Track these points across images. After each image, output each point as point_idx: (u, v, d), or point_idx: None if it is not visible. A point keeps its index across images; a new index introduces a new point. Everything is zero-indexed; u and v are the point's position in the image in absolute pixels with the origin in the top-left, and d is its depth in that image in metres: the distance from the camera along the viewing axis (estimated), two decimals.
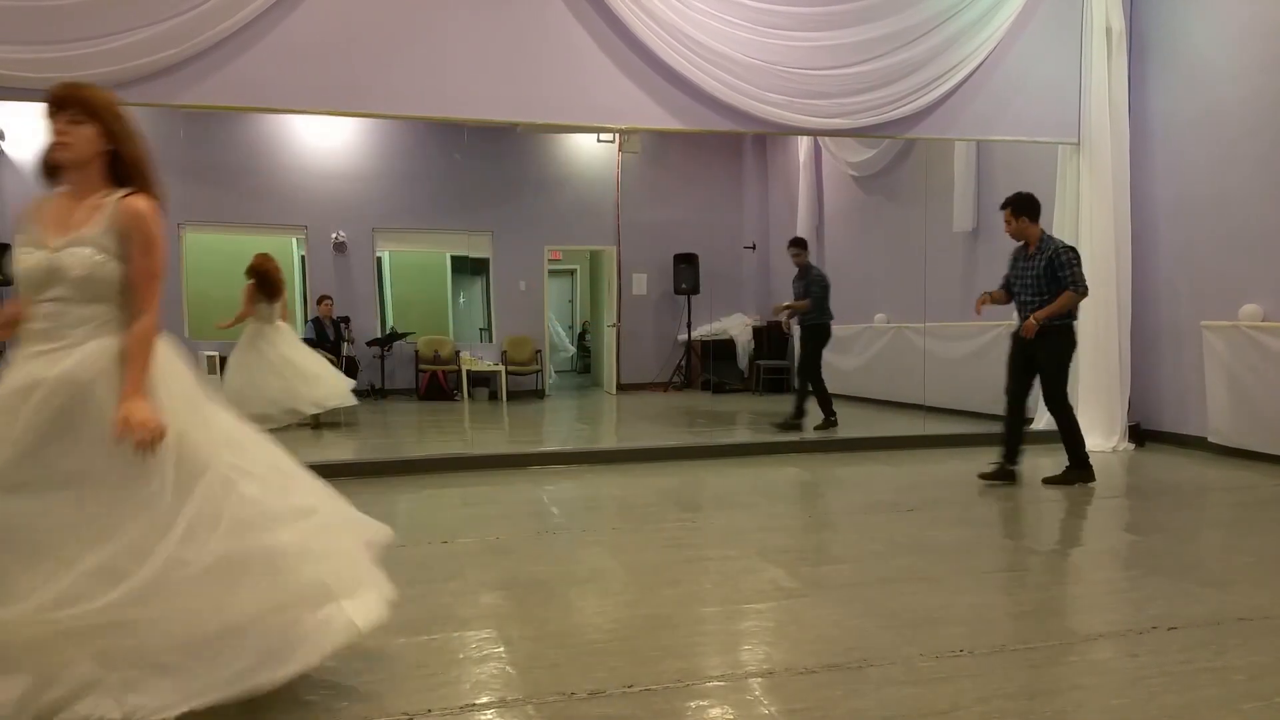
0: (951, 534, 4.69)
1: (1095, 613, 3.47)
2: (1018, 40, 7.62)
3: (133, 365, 2.45)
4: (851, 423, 8.65)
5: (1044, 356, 5.83)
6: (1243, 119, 7.00)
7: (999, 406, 9.05)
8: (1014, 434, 6.09)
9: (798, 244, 8.93)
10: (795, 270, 8.86)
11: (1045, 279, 5.75)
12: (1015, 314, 6.13)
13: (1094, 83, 7.66)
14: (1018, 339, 5.95)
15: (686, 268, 13.73)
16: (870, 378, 11.31)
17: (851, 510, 5.43)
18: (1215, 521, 5.26)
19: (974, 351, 9.60)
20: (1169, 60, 7.68)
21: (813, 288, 8.61)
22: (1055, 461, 7.14)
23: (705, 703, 2.62)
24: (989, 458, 7.20)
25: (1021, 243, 5.99)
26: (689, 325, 13.93)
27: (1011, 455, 6.10)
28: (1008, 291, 6.09)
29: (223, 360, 12.31)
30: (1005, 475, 6.07)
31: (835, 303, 8.77)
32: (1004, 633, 3.16)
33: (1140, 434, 7.76)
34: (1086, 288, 5.76)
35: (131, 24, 5.87)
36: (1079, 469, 6.02)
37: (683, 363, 14.22)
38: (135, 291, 2.54)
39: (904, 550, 4.34)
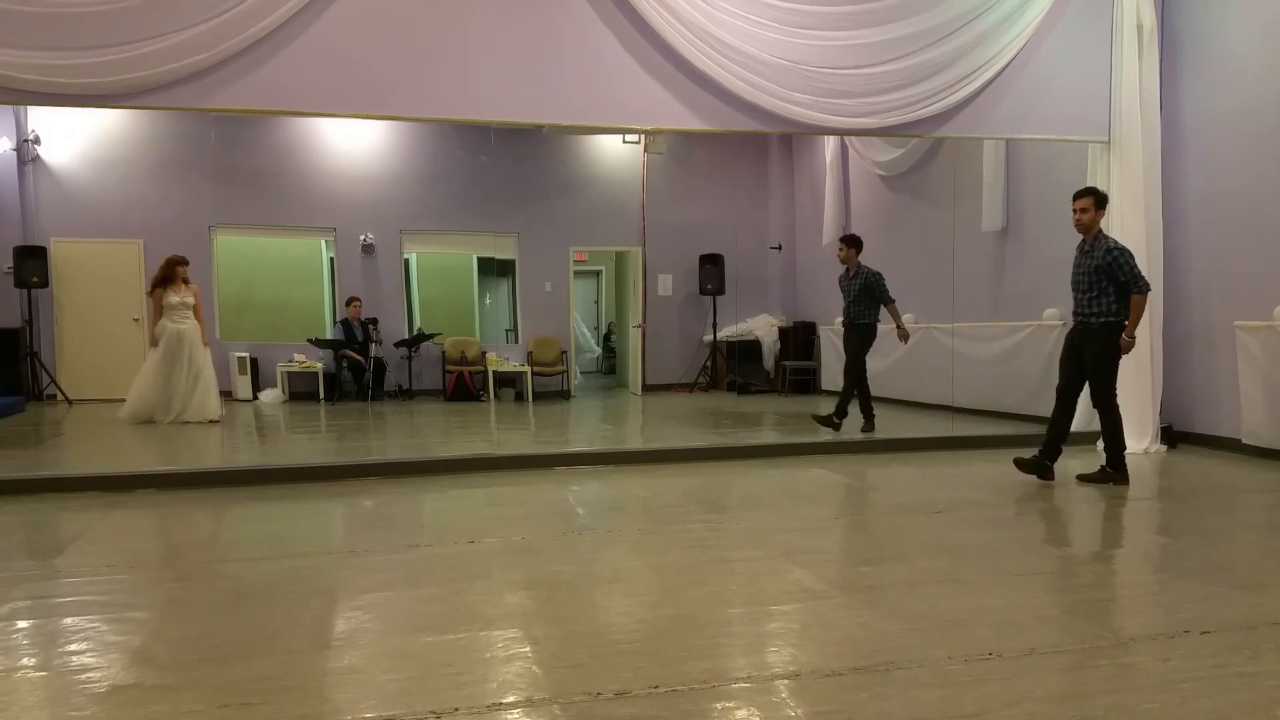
0: (980, 536, 4.65)
1: (1126, 616, 3.43)
2: (1047, 38, 7.55)
3: None
4: (879, 424, 8.60)
5: (1091, 354, 5.87)
6: (1276, 115, 6.90)
7: (1028, 407, 9.07)
8: (1059, 430, 6.06)
9: (850, 242, 8.56)
10: (842, 269, 8.61)
11: (1097, 276, 5.82)
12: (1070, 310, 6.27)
13: (1124, 80, 7.58)
14: (1072, 336, 6.03)
15: (712, 268, 13.71)
16: (898, 378, 11.24)
17: (878, 512, 5.40)
18: (1249, 524, 5.18)
19: (1003, 352, 9.53)
20: (1200, 57, 7.58)
21: (875, 287, 8.36)
22: (1085, 463, 7.07)
23: (731, 704, 2.61)
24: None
25: (1080, 238, 6.07)
26: (714, 326, 13.91)
27: (1051, 452, 6.09)
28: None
29: (254, 361, 12.50)
30: (1042, 470, 6.09)
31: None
32: (1033, 636, 3.13)
33: (1173, 435, 7.66)
34: (1148, 283, 5.85)
35: (162, 29, 5.96)
36: (1115, 469, 6.01)
37: (708, 364, 14.20)
38: None
39: (931, 552, 4.31)
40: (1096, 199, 5.98)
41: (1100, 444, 7.48)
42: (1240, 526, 5.11)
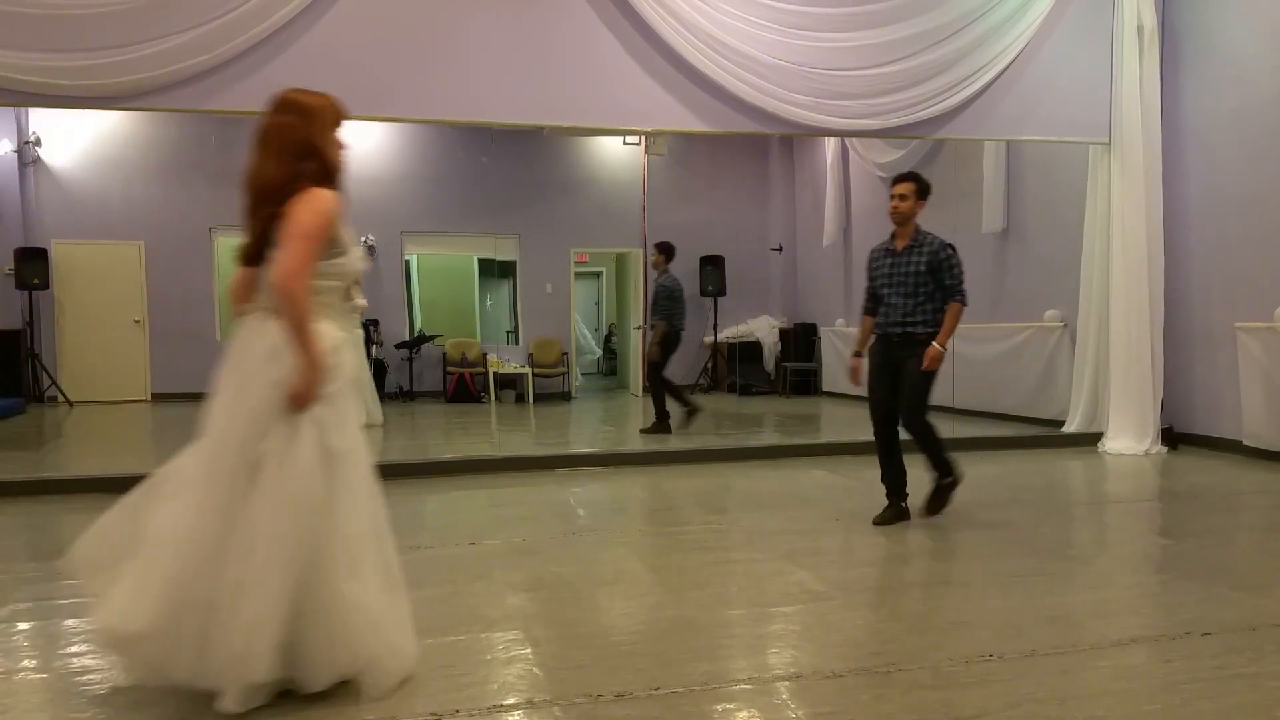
0: (981, 537, 4.65)
1: (1127, 617, 3.43)
2: (1048, 39, 7.54)
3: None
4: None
5: (916, 365, 4.80)
6: (1277, 116, 6.89)
7: (1029, 409, 9.08)
8: (897, 473, 5.01)
9: (661, 248, 8.83)
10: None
11: (923, 278, 4.82)
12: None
13: (1125, 81, 7.57)
14: (887, 350, 4.94)
15: (713, 270, 13.72)
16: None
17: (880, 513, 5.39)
18: (1249, 525, 5.18)
19: (1004, 353, 9.53)
20: (1201, 58, 7.58)
21: (661, 299, 8.61)
22: (1085, 464, 7.08)
23: (732, 706, 2.61)
24: (1019, 461, 7.15)
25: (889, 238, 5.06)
26: (715, 327, 13.91)
27: (900, 492, 5.01)
28: (875, 299, 5.06)
29: None
30: (900, 513, 4.97)
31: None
32: (1034, 637, 3.13)
33: (1173, 437, 7.66)
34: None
35: (164, 31, 5.96)
36: (947, 474, 4.96)
37: (709, 365, 14.20)
38: None
39: (932, 554, 4.31)
40: (919, 186, 4.98)
41: (1108, 444, 7.52)
42: (1241, 528, 5.10)
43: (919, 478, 4.97)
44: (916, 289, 4.82)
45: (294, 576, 2.50)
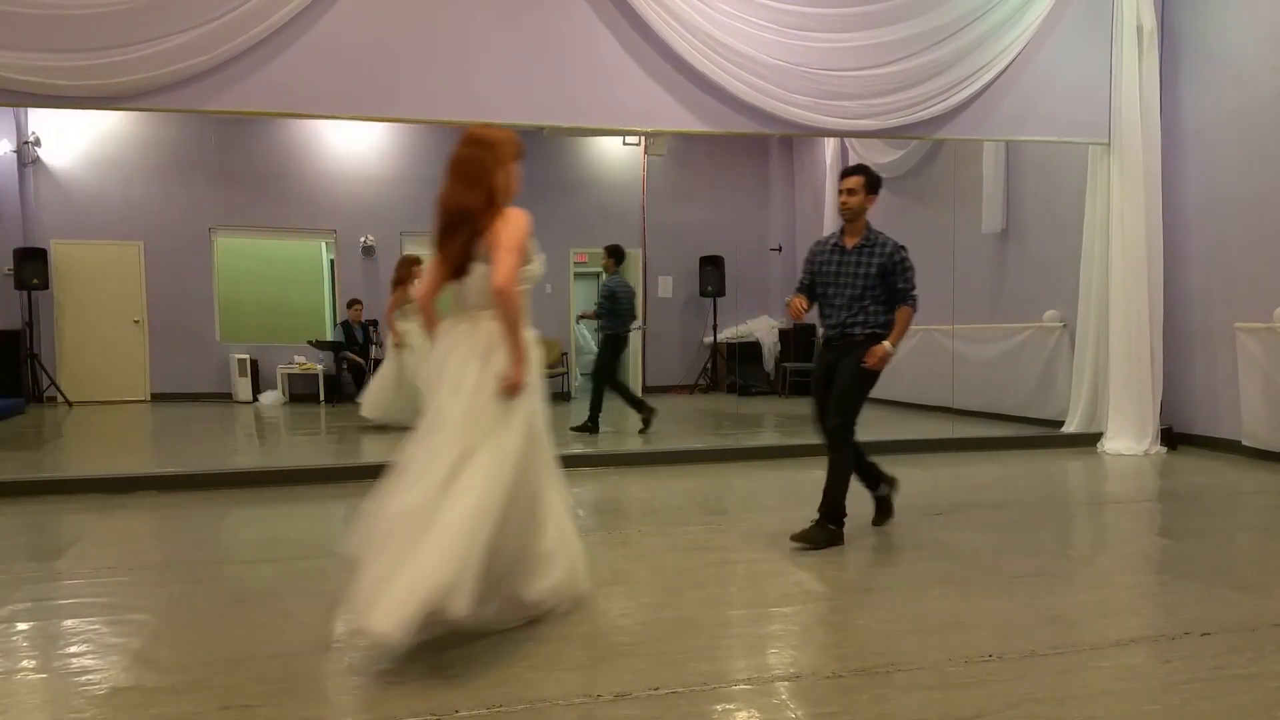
0: (980, 538, 4.65)
1: (1127, 618, 3.43)
2: (1047, 40, 7.55)
3: None
4: (879, 426, 8.60)
5: (850, 367, 4.47)
6: (1276, 117, 6.90)
7: (1029, 409, 9.07)
8: (868, 474, 4.82)
9: (610, 251, 8.88)
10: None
11: (874, 280, 4.50)
12: (825, 319, 4.71)
13: (1125, 82, 7.58)
14: (830, 353, 4.62)
15: (712, 270, 13.72)
16: (898, 380, 11.21)
17: None
18: (1249, 526, 5.18)
19: (1003, 354, 9.53)
20: (1200, 59, 7.58)
21: (605, 300, 8.69)
22: (1085, 464, 7.08)
23: (731, 706, 2.61)
24: (1019, 461, 7.16)
25: (837, 232, 4.72)
26: (715, 328, 13.91)
27: (874, 482, 4.82)
28: (810, 296, 4.69)
29: (254, 363, 12.51)
30: (885, 511, 4.88)
31: None
32: (1034, 637, 3.13)
33: (1172, 437, 7.66)
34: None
35: (163, 31, 5.96)
36: (834, 524, 4.49)
37: (708, 365, 14.20)
38: None
39: (932, 554, 4.31)
40: (868, 180, 4.63)
41: (1108, 444, 7.53)
42: (1240, 528, 5.11)
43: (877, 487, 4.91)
44: (864, 291, 4.49)
45: (503, 525, 2.97)
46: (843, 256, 4.57)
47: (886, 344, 4.43)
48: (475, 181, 3.26)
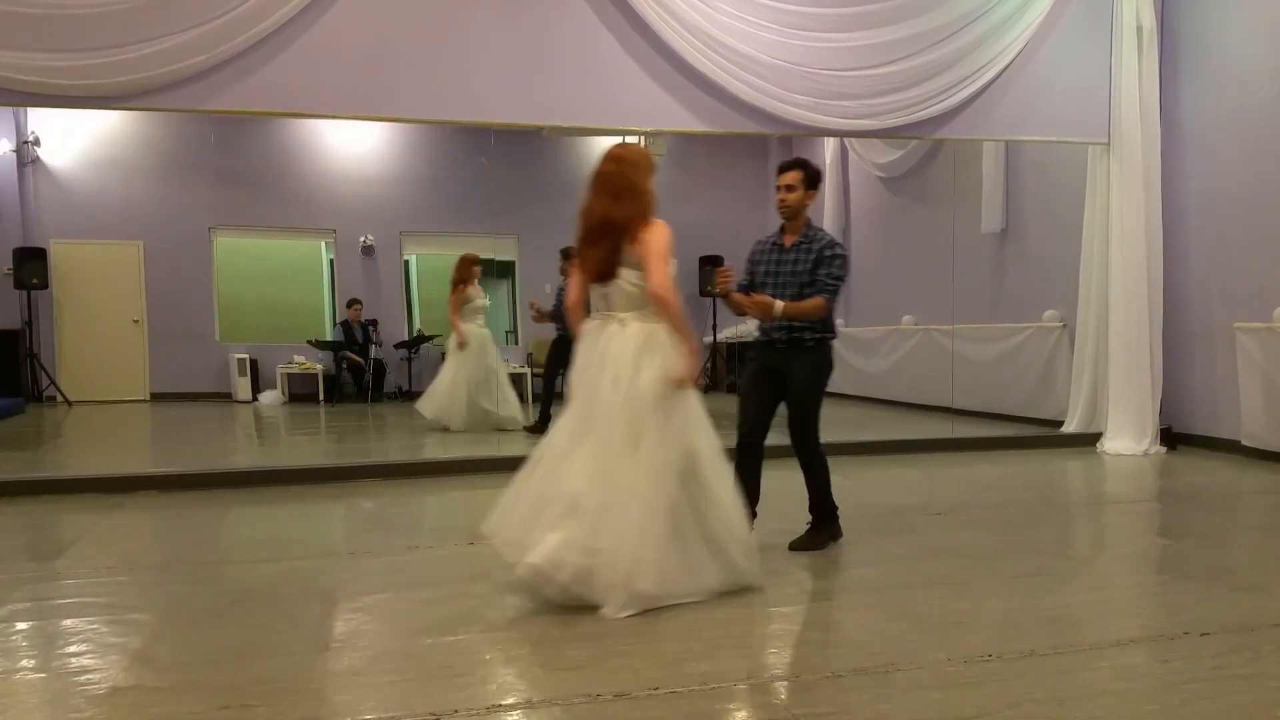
0: (980, 538, 4.65)
1: (1126, 618, 3.43)
2: (1047, 40, 7.54)
3: None
4: (878, 425, 8.60)
5: (803, 376, 4.31)
6: (1276, 117, 6.89)
7: (1028, 409, 9.07)
8: (752, 491, 4.36)
9: (565, 254, 8.75)
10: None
11: (809, 280, 4.27)
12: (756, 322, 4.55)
13: (1124, 82, 7.57)
14: (767, 356, 4.40)
15: (712, 270, 13.66)
16: (897, 380, 11.23)
17: (878, 514, 5.38)
18: (1249, 526, 5.18)
19: (1003, 354, 9.53)
20: (1200, 59, 7.58)
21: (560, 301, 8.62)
22: (1085, 465, 7.08)
23: (730, 705, 2.61)
24: (1018, 461, 7.16)
25: (778, 231, 4.49)
26: (714, 327, 13.91)
27: (752, 500, 4.31)
28: (747, 294, 4.41)
29: (254, 363, 12.52)
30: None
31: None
32: (1033, 637, 3.13)
33: (1172, 437, 7.66)
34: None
35: (162, 30, 5.95)
36: (829, 521, 4.47)
37: (708, 365, 14.20)
38: None
39: (931, 554, 4.31)
40: (806, 175, 4.33)
41: (1107, 444, 7.53)
42: (1240, 528, 5.11)
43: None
44: (803, 289, 4.24)
45: (675, 505, 3.39)
46: (781, 255, 4.38)
47: (779, 304, 4.15)
48: (620, 194, 3.63)
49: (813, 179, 4.38)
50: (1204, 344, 7.60)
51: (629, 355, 3.46)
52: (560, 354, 8.72)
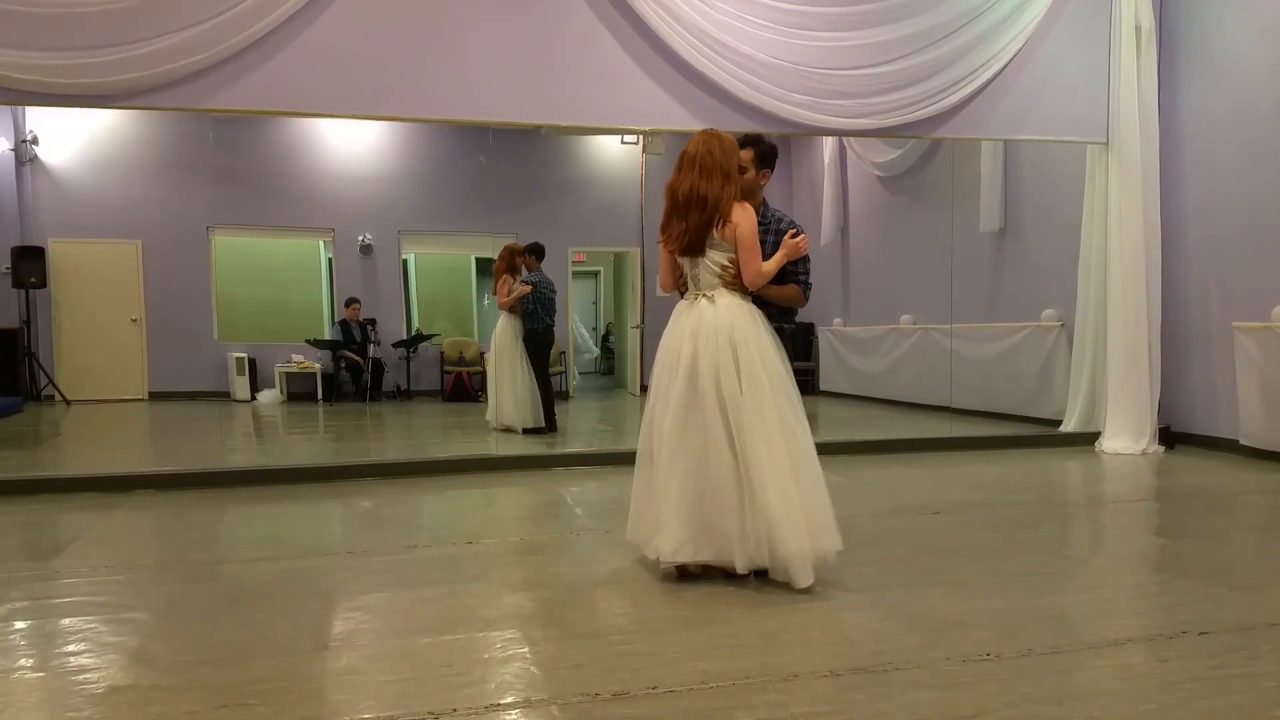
0: (979, 537, 4.65)
1: (1124, 617, 3.43)
2: (1045, 39, 7.55)
3: None
4: (877, 425, 8.60)
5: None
6: (1275, 117, 6.90)
7: (1027, 409, 9.08)
8: None
9: (532, 250, 8.97)
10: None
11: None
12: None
13: (1123, 81, 7.58)
14: None
15: None
16: (896, 379, 11.24)
17: (877, 513, 5.39)
18: (1247, 525, 5.19)
19: (1001, 353, 9.53)
20: (1199, 58, 7.59)
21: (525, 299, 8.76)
22: (1084, 464, 7.09)
23: (729, 705, 2.61)
24: (1016, 460, 7.16)
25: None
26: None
27: None
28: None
29: (252, 362, 12.51)
30: None
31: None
32: (1031, 637, 3.13)
33: (1170, 436, 7.67)
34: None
35: (160, 29, 5.95)
36: None
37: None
38: None
39: (930, 553, 4.31)
40: (759, 153, 4.07)
41: (1106, 443, 7.52)
42: (1238, 528, 5.11)
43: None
44: None
45: (790, 477, 3.61)
46: None
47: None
48: (709, 172, 3.72)
49: (766, 156, 4.10)
50: (1202, 343, 7.60)
51: (722, 334, 3.74)
52: (539, 350, 8.75)
